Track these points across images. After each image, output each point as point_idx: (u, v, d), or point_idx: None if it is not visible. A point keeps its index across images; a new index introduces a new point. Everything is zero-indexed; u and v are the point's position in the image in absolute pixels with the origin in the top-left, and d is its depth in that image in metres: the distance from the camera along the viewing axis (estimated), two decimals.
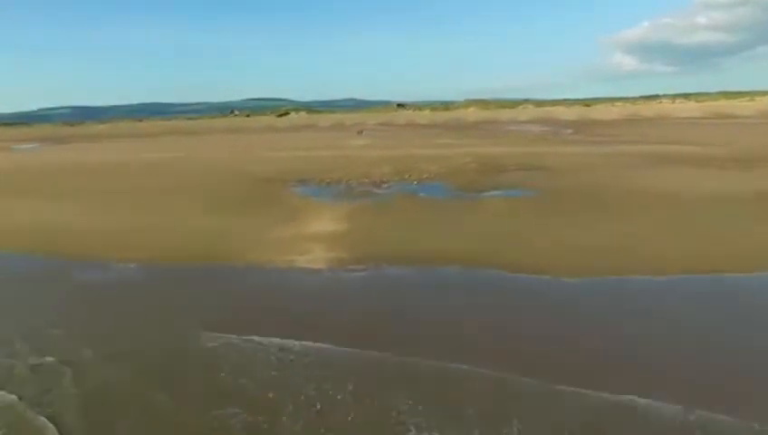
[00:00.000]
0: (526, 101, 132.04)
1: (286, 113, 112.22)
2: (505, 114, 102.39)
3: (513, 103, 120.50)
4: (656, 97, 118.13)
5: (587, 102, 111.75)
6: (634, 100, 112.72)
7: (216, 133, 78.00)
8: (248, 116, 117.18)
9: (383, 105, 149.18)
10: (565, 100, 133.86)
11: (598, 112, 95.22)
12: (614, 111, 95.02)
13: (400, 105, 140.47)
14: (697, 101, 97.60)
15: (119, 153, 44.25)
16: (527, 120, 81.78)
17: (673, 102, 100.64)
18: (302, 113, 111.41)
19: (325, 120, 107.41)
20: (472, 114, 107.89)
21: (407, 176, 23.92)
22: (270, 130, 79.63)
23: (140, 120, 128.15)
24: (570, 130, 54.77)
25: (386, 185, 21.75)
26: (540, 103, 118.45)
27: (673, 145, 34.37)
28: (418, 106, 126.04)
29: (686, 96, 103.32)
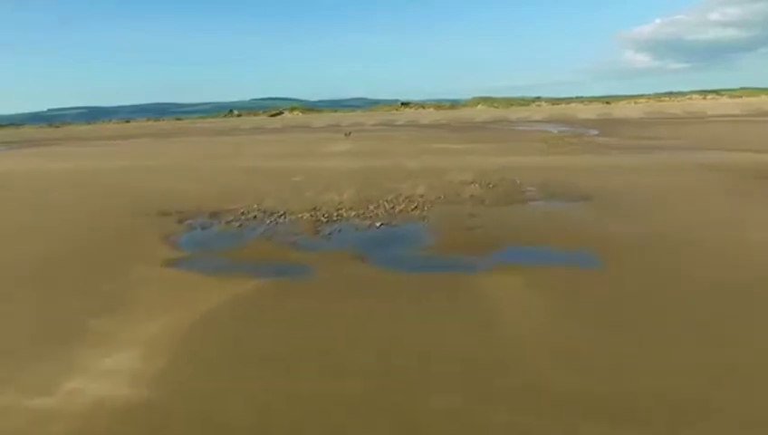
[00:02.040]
0: (538, 98, 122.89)
1: (279, 113, 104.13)
2: (517, 113, 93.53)
3: (525, 101, 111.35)
4: (671, 94, 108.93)
5: (606, 100, 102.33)
6: (658, 96, 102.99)
7: (192, 135, 70.24)
8: (239, 116, 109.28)
9: (390, 103, 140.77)
10: (578, 97, 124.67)
11: (620, 110, 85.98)
12: (638, 109, 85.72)
13: (404, 103, 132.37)
14: (730, 97, 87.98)
15: (40, 161, 36.27)
16: (542, 120, 72.94)
17: (704, 98, 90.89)
18: (297, 112, 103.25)
19: (320, 119, 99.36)
20: (480, 113, 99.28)
21: (371, 207, 15.58)
22: (251, 132, 71.62)
23: (128, 122, 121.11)
24: (595, 132, 46.02)
25: (331, 228, 13.40)
26: (554, 101, 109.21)
27: (748, 153, 25.59)
28: (422, 104, 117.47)
29: (717, 92, 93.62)
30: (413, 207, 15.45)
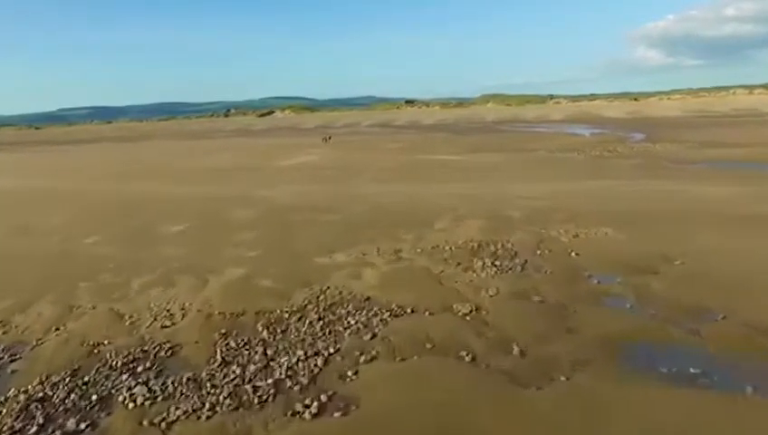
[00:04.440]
0: (550, 96, 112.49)
1: (270, 112, 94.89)
2: (532, 111, 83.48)
3: (541, 98, 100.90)
4: (691, 90, 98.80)
5: (634, 96, 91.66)
6: (674, 92, 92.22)
7: (161, 139, 61.43)
8: (227, 116, 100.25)
9: (398, 102, 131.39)
10: (592, 95, 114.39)
11: (652, 108, 75.40)
12: (673, 107, 75.12)
13: (408, 101, 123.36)
14: None
15: None
16: (563, 120, 62.88)
17: (750, 93, 79.78)
18: (288, 112, 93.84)
19: (312, 119, 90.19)
20: (490, 111, 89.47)
21: (214, 364, 6.00)
22: (227, 135, 62.56)
23: (109, 123, 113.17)
24: (639, 135, 36.03)
25: None
26: (574, 99, 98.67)
27: None
28: (426, 102, 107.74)
29: (765, 87, 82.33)
30: (319, 365, 5.90)
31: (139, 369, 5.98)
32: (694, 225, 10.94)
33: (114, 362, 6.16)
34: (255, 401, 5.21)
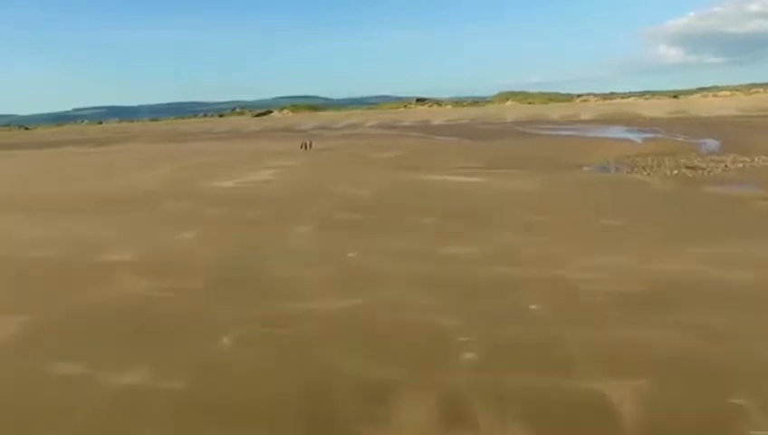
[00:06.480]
0: (569, 95, 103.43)
1: (268, 112, 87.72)
2: (558, 110, 74.57)
3: (566, 96, 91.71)
4: (716, 88, 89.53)
5: (674, 93, 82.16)
6: (744, 88, 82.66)
7: (137, 142, 54.64)
8: (221, 116, 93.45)
9: (408, 100, 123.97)
10: (611, 93, 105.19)
11: (698, 106, 65.90)
12: (723, 104, 65.67)
13: (420, 100, 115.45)
14: None
15: None
16: (598, 120, 54.07)
17: None
18: (286, 111, 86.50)
19: (312, 120, 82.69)
20: (510, 110, 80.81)
21: None
22: (203, 139, 55.31)
23: (100, 123, 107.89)
24: (711, 142, 27.44)
25: None
26: (605, 96, 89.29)
27: None
28: (438, 101, 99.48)
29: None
30: None
31: None
32: None
33: None
34: None
